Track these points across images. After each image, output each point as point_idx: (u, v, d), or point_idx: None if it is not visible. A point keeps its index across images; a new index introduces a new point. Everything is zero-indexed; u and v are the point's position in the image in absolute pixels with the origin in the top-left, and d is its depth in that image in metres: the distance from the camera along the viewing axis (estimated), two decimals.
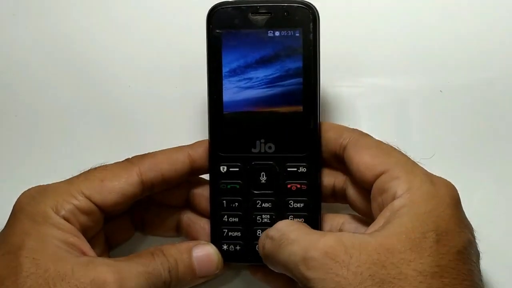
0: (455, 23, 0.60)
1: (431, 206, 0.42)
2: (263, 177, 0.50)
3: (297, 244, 0.42)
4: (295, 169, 0.49)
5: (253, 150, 0.49)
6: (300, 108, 0.49)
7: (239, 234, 0.50)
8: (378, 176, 0.45)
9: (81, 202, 0.46)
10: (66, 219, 0.45)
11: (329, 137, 0.49)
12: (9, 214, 0.47)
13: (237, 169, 0.50)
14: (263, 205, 0.50)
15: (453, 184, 0.45)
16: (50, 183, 0.49)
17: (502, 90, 0.60)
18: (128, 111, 0.62)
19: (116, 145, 0.61)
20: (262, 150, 0.49)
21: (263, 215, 0.50)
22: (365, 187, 0.47)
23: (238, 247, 0.50)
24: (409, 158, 0.47)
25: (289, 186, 0.49)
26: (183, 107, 0.61)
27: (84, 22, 0.63)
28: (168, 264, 0.46)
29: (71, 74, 0.63)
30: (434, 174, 0.46)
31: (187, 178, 0.51)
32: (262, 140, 0.49)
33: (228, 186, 0.50)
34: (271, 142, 0.49)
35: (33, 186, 0.48)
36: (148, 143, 0.60)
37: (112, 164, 0.50)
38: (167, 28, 0.62)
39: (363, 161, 0.47)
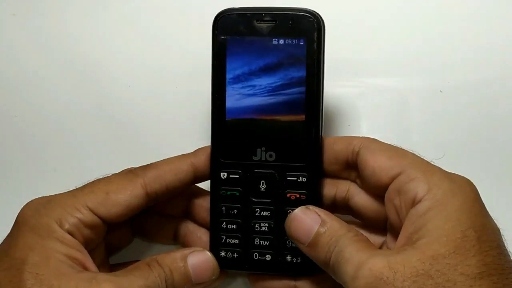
0: (455, 23, 0.60)
1: (459, 202, 0.42)
2: (262, 185, 0.49)
3: (350, 263, 0.41)
4: (295, 178, 0.49)
5: (254, 157, 0.49)
6: (302, 117, 0.48)
7: (237, 241, 0.50)
8: (394, 178, 0.45)
9: (86, 215, 0.46)
10: (70, 232, 0.45)
11: (338, 148, 0.49)
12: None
13: (237, 176, 0.49)
14: (262, 213, 0.49)
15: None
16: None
17: (502, 90, 0.60)
18: (128, 111, 0.62)
19: (116, 145, 0.62)
20: (263, 158, 0.49)
21: (261, 224, 0.50)
22: (378, 190, 0.47)
23: (236, 255, 0.50)
24: (423, 159, 0.46)
25: (288, 195, 0.49)
26: (183, 107, 0.61)
27: (84, 22, 0.63)
28: (164, 275, 0.46)
29: (71, 74, 0.63)
30: (450, 172, 0.45)
31: (190, 186, 0.51)
32: (263, 148, 0.49)
33: (228, 193, 0.50)
34: (272, 151, 0.49)
35: (36, 197, 0.48)
36: (148, 143, 0.61)
37: (116, 175, 0.49)
38: (167, 28, 0.62)
39: (378, 163, 0.46)
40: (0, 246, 0.45)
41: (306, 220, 0.46)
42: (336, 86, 0.60)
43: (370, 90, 0.60)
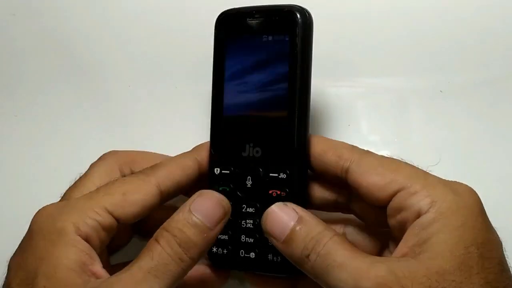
0: (455, 23, 0.60)
1: (463, 218, 0.41)
2: (249, 181, 0.49)
3: (345, 270, 0.40)
4: (276, 174, 0.48)
5: (243, 153, 0.49)
6: (287, 114, 0.48)
7: (226, 237, 0.50)
8: (392, 196, 0.44)
9: (104, 218, 0.45)
10: (88, 236, 0.44)
11: (328, 160, 0.47)
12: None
13: (228, 171, 0.49)
14: (248, 210, 0.49)
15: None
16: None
17: (502, 90, 0.59)
18: (128, 111, 0.62)
19: (116, 144, 0.61)
20: (250, 154, 0.49)
21: (247, 220, 0.49)
22: (377, 206, 0.45)
23: (225, 251, 0.50)
24: (418, 168, 0.45)
25: (270, 192, 0.48)
26: (183, 107, 0.61)
27: (84, 22, 0.63)
28: (175, 239, 0.43)
29: (71, 74, 0.63)
30: (448, 180, 0.44)
31: (196, 182, 0.50)
32: (251, 144, 0.49)
33: (220, 188, 0.49)
34: (259, 147, 0.49)
35: (48, 204, 0.46)
36: (147, 142, 0.61)
37: (129, 177, 0.48)
38: (167, 28, 0.63)
39: (373, 183, 0.44)
40: (14, 257, 0.45)
41: (282, 216, 0.45)
42: (336, 86, 0.60)
43: (370, 90, 0.60)
